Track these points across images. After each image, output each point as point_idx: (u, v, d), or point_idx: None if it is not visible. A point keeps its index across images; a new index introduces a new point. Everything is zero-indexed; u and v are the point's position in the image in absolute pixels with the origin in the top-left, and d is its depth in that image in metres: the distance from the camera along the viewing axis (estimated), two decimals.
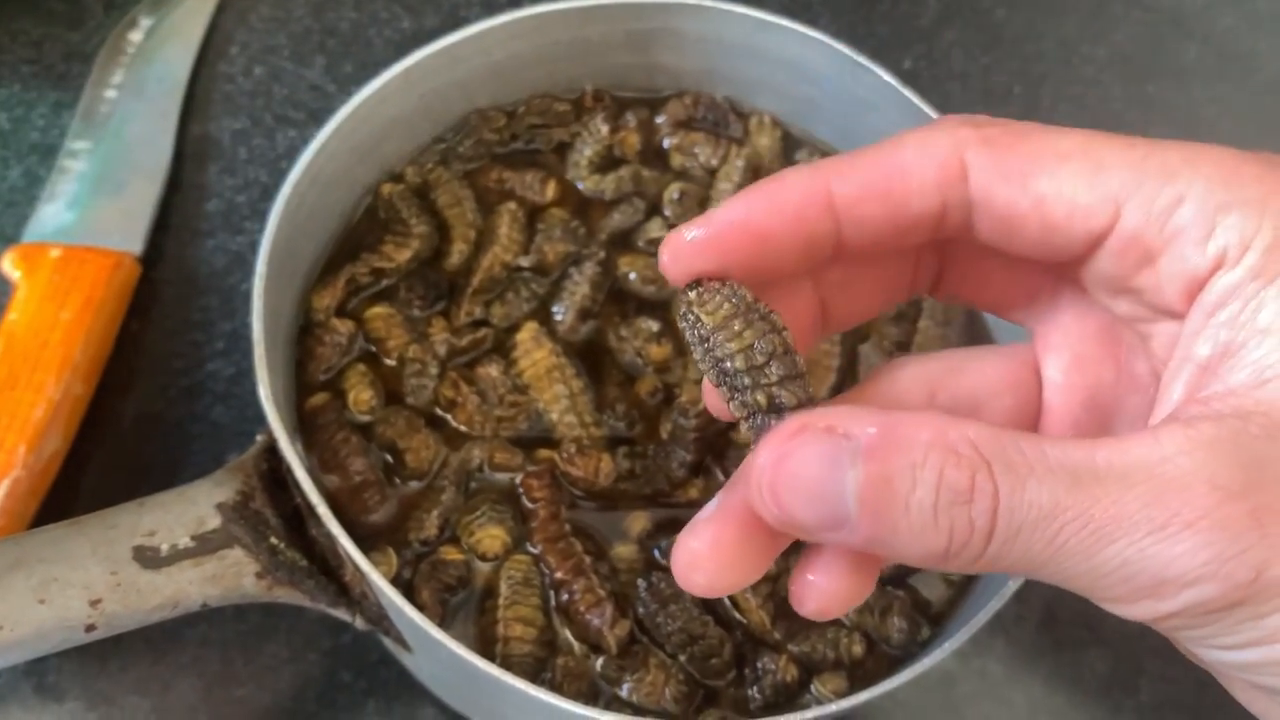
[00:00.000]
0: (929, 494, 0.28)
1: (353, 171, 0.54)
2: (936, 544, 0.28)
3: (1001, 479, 0.28)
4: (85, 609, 0.40)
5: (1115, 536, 0.27)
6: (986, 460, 0.28)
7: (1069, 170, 0.31)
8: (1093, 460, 0.28)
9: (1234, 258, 0.30)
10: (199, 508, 0.44)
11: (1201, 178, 0.30)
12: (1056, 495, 0.28)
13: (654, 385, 0.52)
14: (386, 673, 0.55)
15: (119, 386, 0.59)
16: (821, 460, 0.28)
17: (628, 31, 0.57)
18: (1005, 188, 0.32)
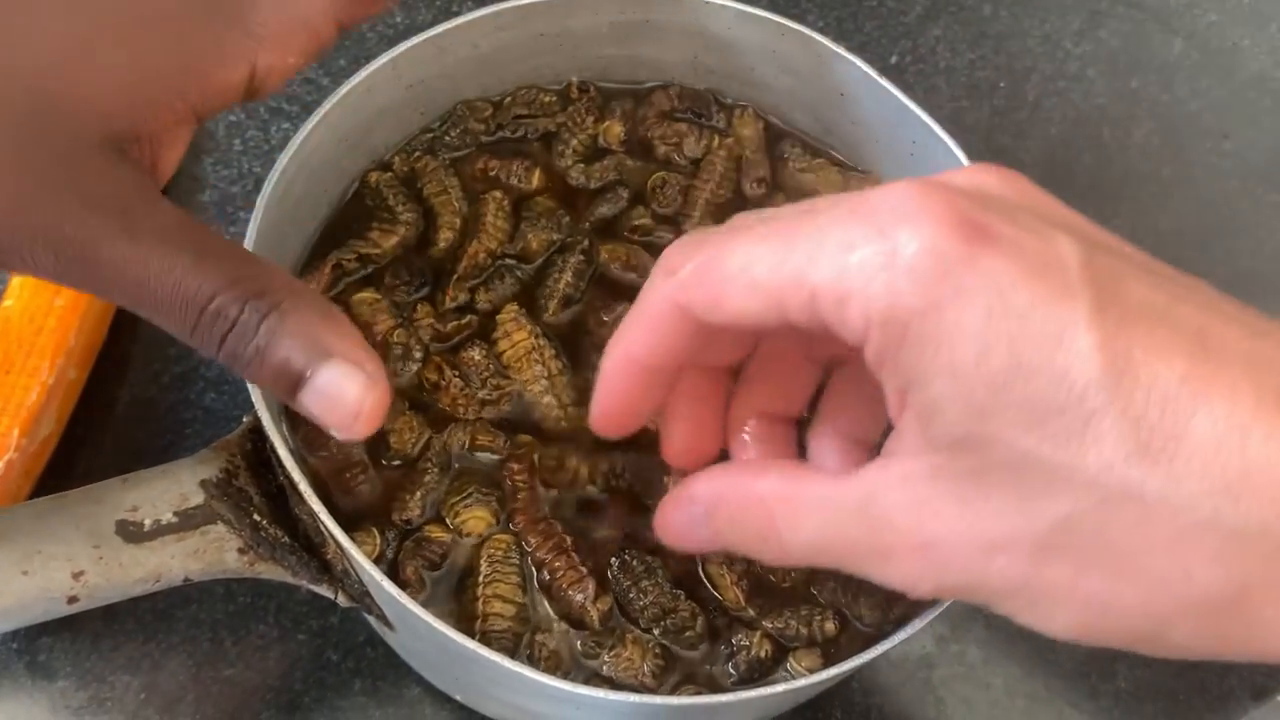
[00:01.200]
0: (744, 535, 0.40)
1: (340, 161, 0.55)
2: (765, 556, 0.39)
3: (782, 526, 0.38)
4: (68, 581, 0.41)
5: (850, 562, 0.37)
6: (778, 508, 0.38)
7: (748, 279, 0.36)
8: (835, 501, 0.37)
9: (867, 323, 0.34)
10: (183, 484, 0.45)
11: (858, 238, 0.34)
12: (824, 535, 0.37)
13: None
14: (373, 653, 0.56)
15: (113, 372, 0.60)
16: (686, 514, 0.41)
17: (612, 23, 0.58)
18: (717, 316, 0.37)
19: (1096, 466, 0.31)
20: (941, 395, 0.33)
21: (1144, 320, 0.32)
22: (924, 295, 0.32)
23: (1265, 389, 0.31)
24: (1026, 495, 0.32)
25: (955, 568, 0.34)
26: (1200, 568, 0.32)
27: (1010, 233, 0.32)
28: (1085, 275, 0.32)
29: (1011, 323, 0.31)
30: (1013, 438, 0.32)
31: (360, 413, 0.38)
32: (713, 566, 0.49)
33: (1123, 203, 0.74)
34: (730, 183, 0.58)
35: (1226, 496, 0.31)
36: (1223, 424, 0.31)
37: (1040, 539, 0.33)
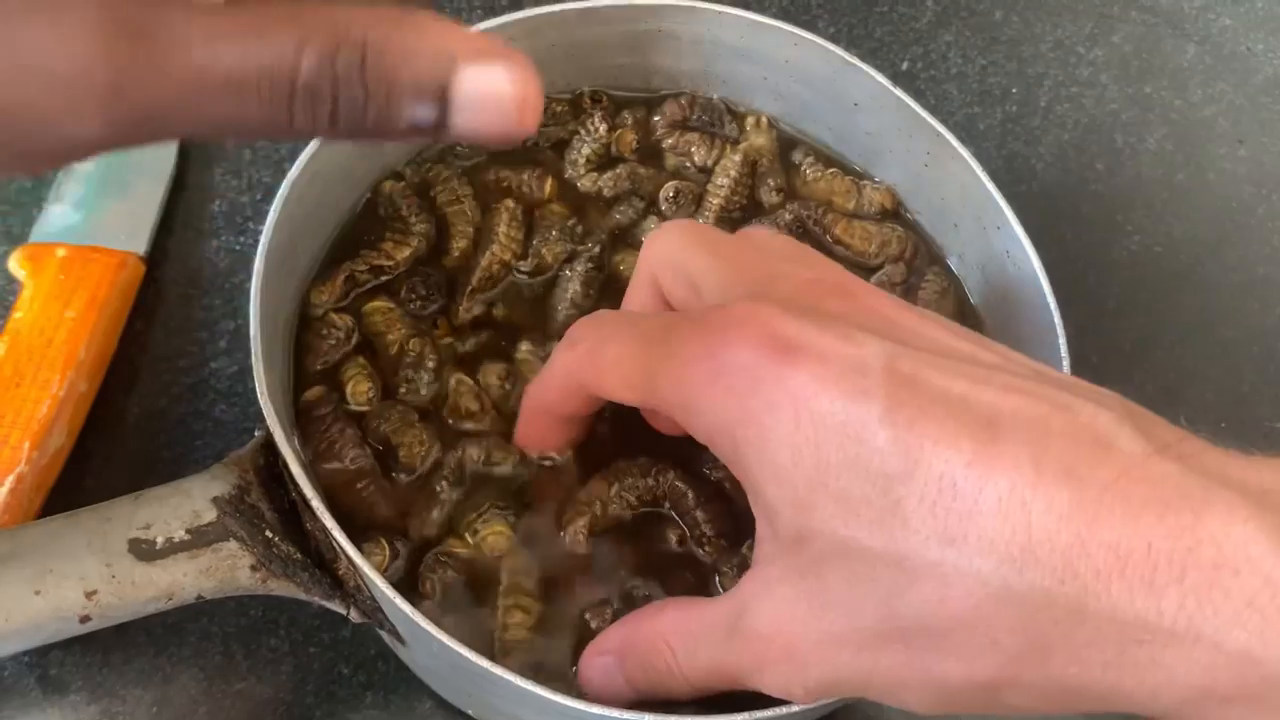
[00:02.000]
0: (650, 676, 0.42)
1: (352, 171, 0.55)
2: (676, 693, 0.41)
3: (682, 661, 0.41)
4: (80, 600, 0.41)
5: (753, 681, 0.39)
6: (677, 642, 0.41)
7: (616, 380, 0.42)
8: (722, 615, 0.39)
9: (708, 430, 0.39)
10: (194, 501, 0.44)
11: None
12: (714, 657, 0.39)
13: None
14: (385, 666, 0.55)
15: (123, 384, 0.60)
16: (601, 668, 0.44)
17: (624, 33, 0.58)
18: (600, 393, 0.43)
19: (905, 550, 0.34)
20: (773, 496, 0.36)
21: (936, 412, 0.34)
22: (742, 408, 0.36)
23: (1045, 462, 0.33)
24: (854, 582, 0.35)
25: (813, 667, 0.37)
26: (1004, 635, 0.34)
27: (820, 343, 0.36)
28: (884, 377, 0.35)
29: (814, 428, 0.35)
30: (834, 528, 0.35)
31: (524, 99, 0.31)
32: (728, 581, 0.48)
33: (1136, 209, 0.73)
34: (744, 190, 0.57)
35: (1013, 567, 0.33)
36: (1006, 499, 0.33)
37: (873, 627, 0.35)
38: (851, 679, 0.37)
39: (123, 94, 0.30)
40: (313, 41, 0.30)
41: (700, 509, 0.49)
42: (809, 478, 0.35)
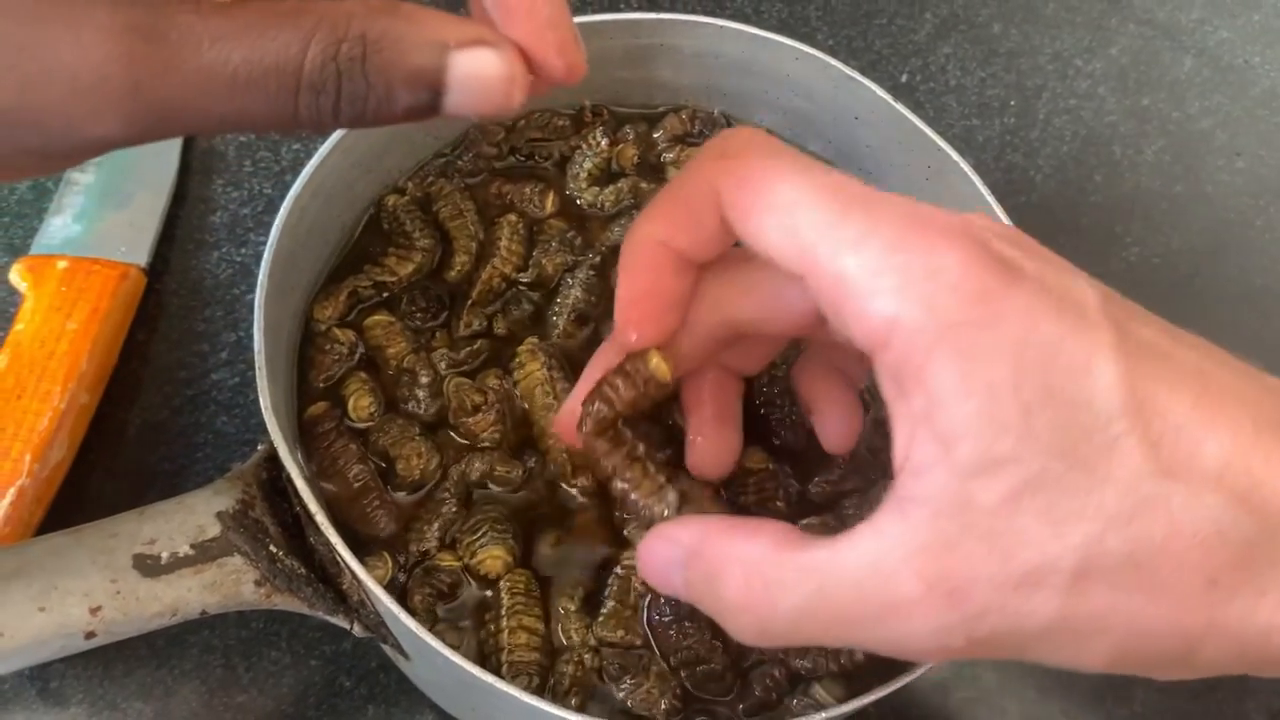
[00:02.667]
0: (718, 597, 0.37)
1: (354, 185, 0.55)
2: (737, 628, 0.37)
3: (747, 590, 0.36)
4: (85, 616, 0.41)
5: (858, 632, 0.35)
6: (761, 574, 0.36)
7: (777, 224, 0.36)
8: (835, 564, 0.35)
9: (894, 324, 0.33)
10: (199, 516, 0.44)
11: (875, 247, 0.34)
12: (816, 604, 0.35)
13: None
14: (386, 679, 0.55)
15: (124, 396, 0.60)
16: (665, 554, 0.39)
17: (625, 47, 0.58)
18: (738, 229, 0.37)
19: (1124, 485, 0.32)
20: (966, 416, 0.33)
21: (1153, 358, 0.34)
22: (963, 313, 0.33)
23: (1261, 422, 0.34)
24: (1056, 518, 0.33)
25: (991, 614, 0.33)
26: (1223, 574, 0.33)
27: (1036, 272, 0.34)
28: (1103, 314, 0.34)
29: (1043, 351, 0.33)
30: (1040, 458, 0.33)
31: (512, 78, 0.34)
32: None
33: (1134, 220, 0.74)
34: None
35: (1240, 508, 0.33)
36: (1229, 448, 0.33)
37: (1076, 565, 0.33)
38: (1033, 626, 0.33)
39: (139, 94, 0.31)
40: (316, 38, 0.32)
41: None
42: (1022, 402, 0.33)
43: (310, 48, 0.32)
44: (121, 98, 0.31)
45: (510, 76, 0.34)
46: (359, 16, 0.33)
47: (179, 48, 0.32)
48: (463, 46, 0.33)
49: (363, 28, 0.32)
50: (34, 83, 0.31)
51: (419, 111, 0.34)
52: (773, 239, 0.36)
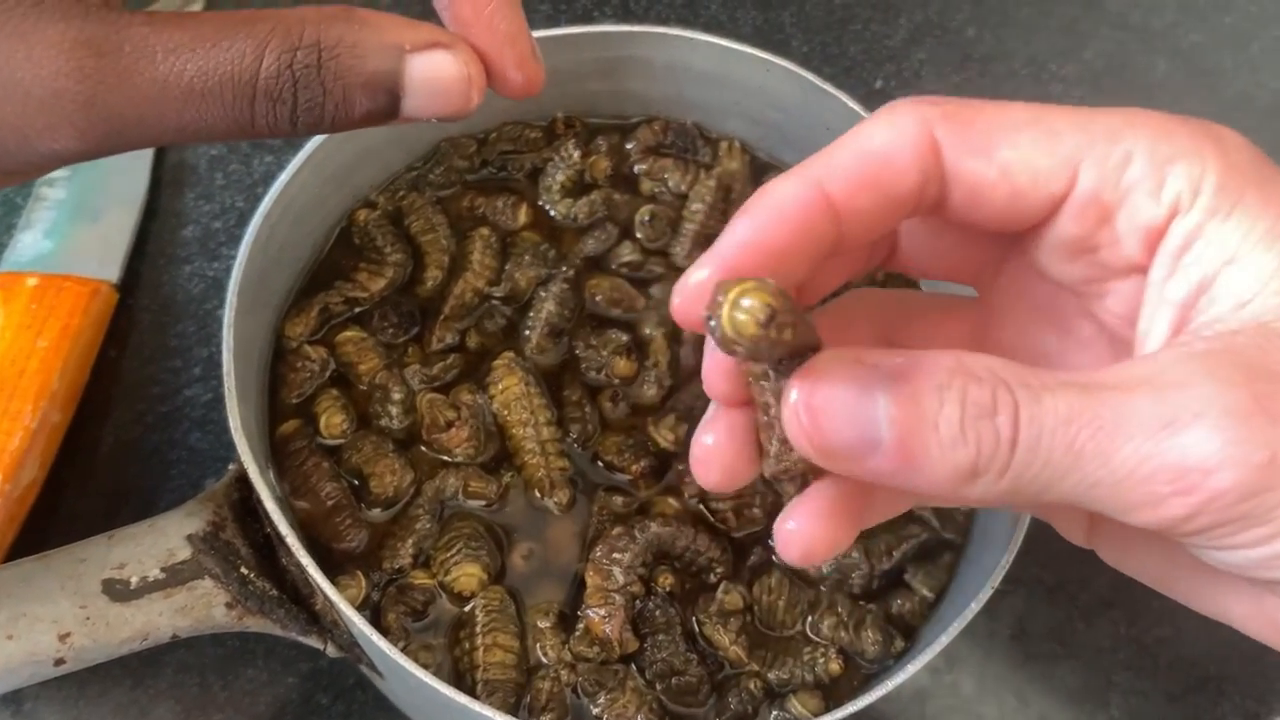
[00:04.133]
0: (955, 410, 0.29)
1: (325, 201, 0.54)
2: (965, 458, 0.29)
3: (1020, 393, 0.29)
4: (54, 643, 0.41)
5: (1130, 434, 0.28)
6: (1004, 380, 0.29)
7: (1027, 139, 0.32)
8: (1100, 378, 0.29)
9: (1187, 202, 0.31)
10: (169, 539, 0.44)
11: (1144, 136, 0.32)
12: (1070, 402, 0.28)
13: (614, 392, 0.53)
14: (363, 696, 0.55)
15: (96, 413, 0.60)
16: (854, 383, 0.29)
17: (597, 59, 0.58)
18: (973, 161, 0.33)
19: None
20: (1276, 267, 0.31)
21: None
22: (1252, 179, 0.32)
23: None
24: None
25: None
26: None
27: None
28: None
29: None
30: None
31: (470, 79, 0.35)
32: (709, 628, 0.48)
33: None
34: (719, 215, 0.57)
35: None
36: None
37: None
38: None
39: (93, 107, 0.32)
40: (270, 46, 0.32)
41: (696, 540, 0.49)
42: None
43: (265, 56, 0.32)
44: (76, 112, 0.32)
45: (467, 77, 0.34)
46: (313, 23, 0.33)
47: (133, 60, 0.32)
48: (418, 49, 0.34)
49: (317, 34, 0.32)
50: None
51: (377, 116, 0.34)
52: (1028, 158, 0.32)
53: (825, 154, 0.33)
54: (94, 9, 0.33)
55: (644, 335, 0.55)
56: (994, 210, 0.34)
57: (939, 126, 0.33)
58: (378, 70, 0.33)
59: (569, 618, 0.48)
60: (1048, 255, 0.35)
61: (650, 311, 0.55)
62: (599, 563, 0.48)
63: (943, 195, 0.33)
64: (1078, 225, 0.33)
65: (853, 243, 0.33)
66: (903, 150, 0.32)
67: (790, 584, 0.50)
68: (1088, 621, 0.60)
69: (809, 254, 0.33)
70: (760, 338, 0.27)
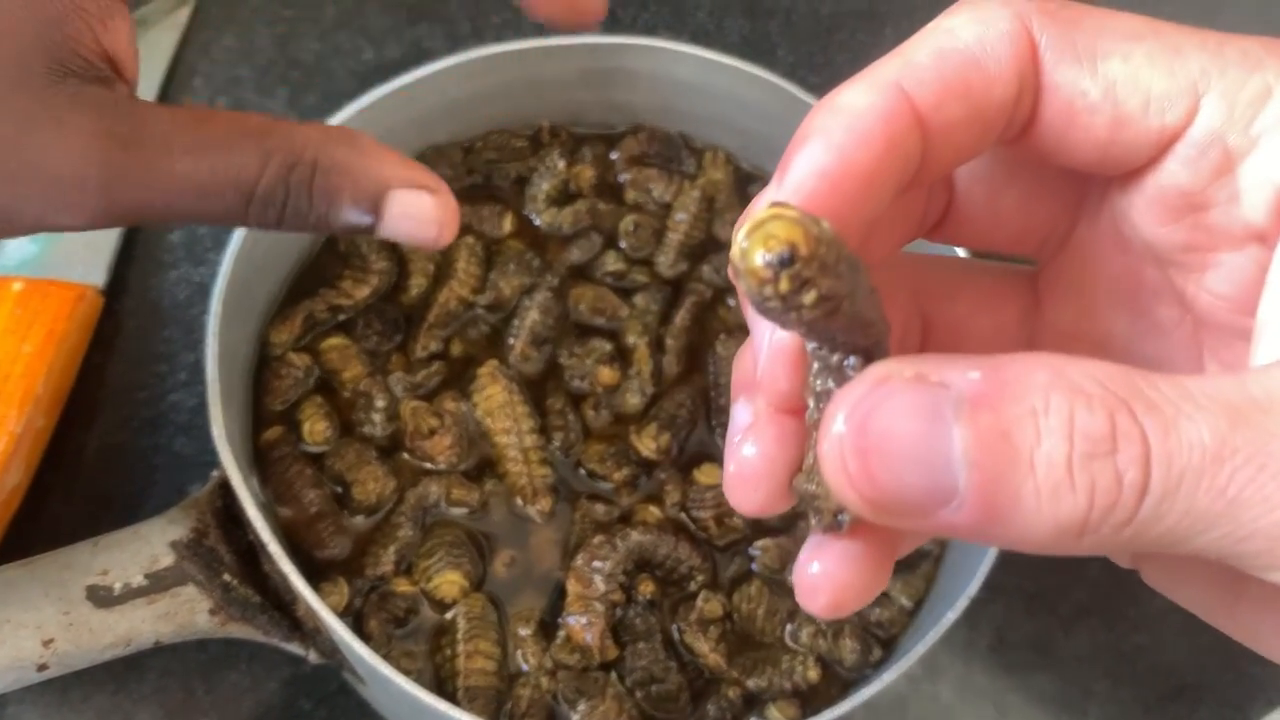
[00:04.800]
0: (1060, 445, 0.22)
1: None
2: (1074, 510, 0.22)
3: (1147, 420, 0.22)
4: (37, 649, 0.41)
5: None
6: (1124, 401, 0.22)
7: (1143, 52, 0.26)
8: (1247, 391, 0.22)
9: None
10: (152, 546, 0.44)
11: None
12: (1219, 431, 0.22)
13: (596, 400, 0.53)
14: (346, 701, 0.55)
15: (82, 418, 0.60)
16: (917, 414, 0.22)
17: (583, 70, 0.58)
18: (1074, 71, 0.27)
19: None
20: None
21: None
22: None
23: None
24: None
25: None
26: None
27: None
28: None
29: None
30: None
31: (443, 221, 0.38)
32: (690, 635, 0.49)
33: None
34: (703, 225, 0.58)
35: None
36: None
37: None
38: None
39: (110, 194, 0.34)
40: (273, 160, 0.35)
41: (677, 549, 0.49)
42: None
43: (268, 168, 0.35)
44: (94, 196, 0.34)
45: (442, 221, 0.38)
46: (314, 143, 0.36)
47: (153, 156, 0.34)
48: (403, 185, 0.37)
49: (315, 154, 0.36)
50: (16, 177, 0.33)
51: (354, 230, 0.37)
52: (1142, 76, 0.26)
53: (899, 53, 0.27)
54: (123, 101, 0.35)
55: (627, 344, 0.55)
56: (1090, 141, 0.27)
57: (1036, 22, 0.27)
58: (362, 197, 0.37)
59: (550, 625, 0.49)
60: (1142, 211, 0.28)
61: (634, 320, 0.55)
62: (580, 570, 0.48)
63: (1032, 116, 0.27)
64: (1190, 173, 0.27)
65: (935, 172, 0.27)
66: (997, 48, 0.26)
67: (770, 593, 0.50)
68: (1066, 630, 0.61)
69: (893, 184, 0.26)
70: (768, 283, 0.22)
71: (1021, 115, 0.27)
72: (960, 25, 0.27)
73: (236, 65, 0.72)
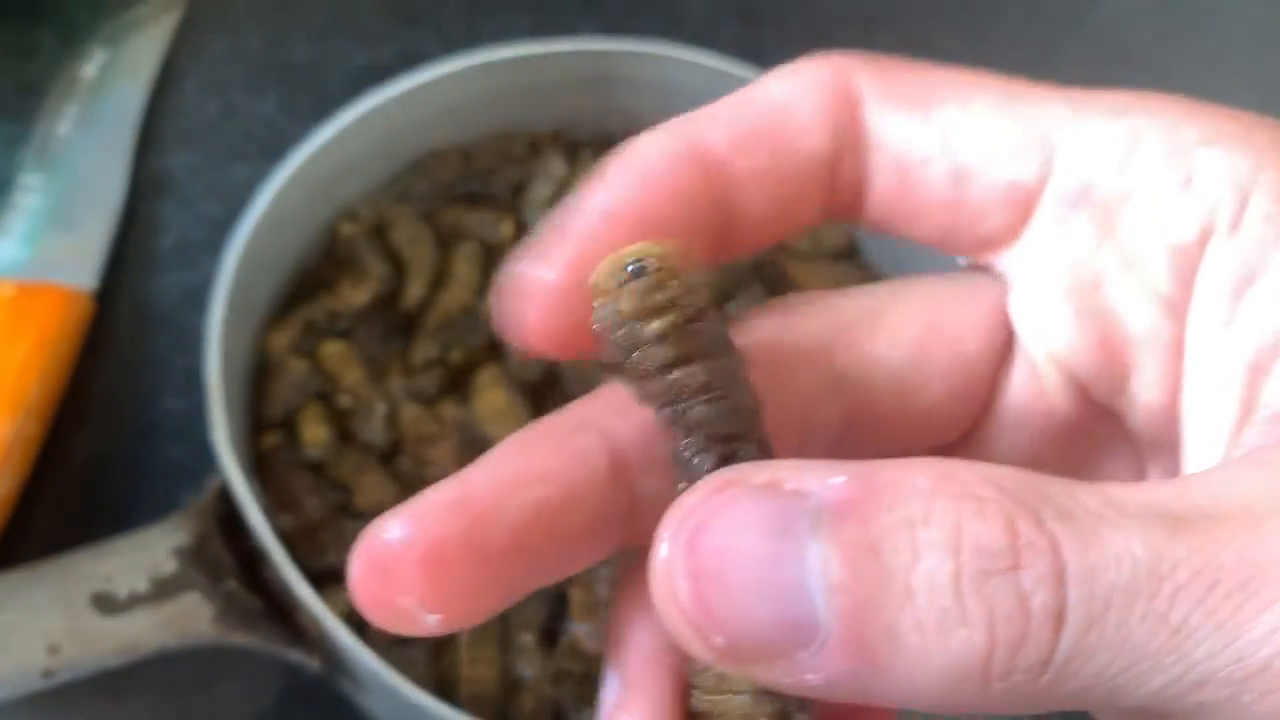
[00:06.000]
0: (944, 562, 0.17)
1: (308, 212, 0.54)
2: (969, 648, 0.17)
3: (1060, 527, 0.17)
4: (43, 656, 0.41)
5: (1268, 597, 0.17)
6: (1028, 505, 0.18)
7: (984, 99, 0.24)
8: (1188, 498, 0.18)
9: (1233, 209, 0.21)
10: (156, 553, 0.44)
11: (1161, 114, 0.22)
12: (1157, 543, 0.17)
13: None
14: (342, 711, 0.55)
15: (73, 425, 0.59)
16: (763, 527, 0.18)
17: (582, 76, 0.58)
18: (903, 121, 0.24)
19: None
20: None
21: None
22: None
23: None
24: None
25: None
26: None
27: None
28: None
29: None
30: None
31: None
32: None
33: None
34: None
35: None
36: None
37: None
38: None
39: None
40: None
41: None
42: None
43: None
44: None
45: None
46: None
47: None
48: None
49: None
50: None
51: None
52: (981, 123, 0.23)
53: (709, 106, 0.25)
54: None
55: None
56: (932, 201, 0.24)
57: (859, 74, 0.24)
58: None
59: (553, 633, 0.48)
60: (1040, 317, 0.24)
61: None
62: (584, 577, 0.48)
63: (862, 175, 0.24)
64: (1067, 237, 0.23)
65: (757, 234, 0.24)
66: (805, 96, 0.24)
67: None
68: None
69: (688, 229, 0.23)
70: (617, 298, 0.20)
71: (848, 176, 0.24)
72: (771, 79, 0.25)
73: (228, 67, 0.71)
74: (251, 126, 0.69)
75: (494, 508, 0.21)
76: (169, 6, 0.71)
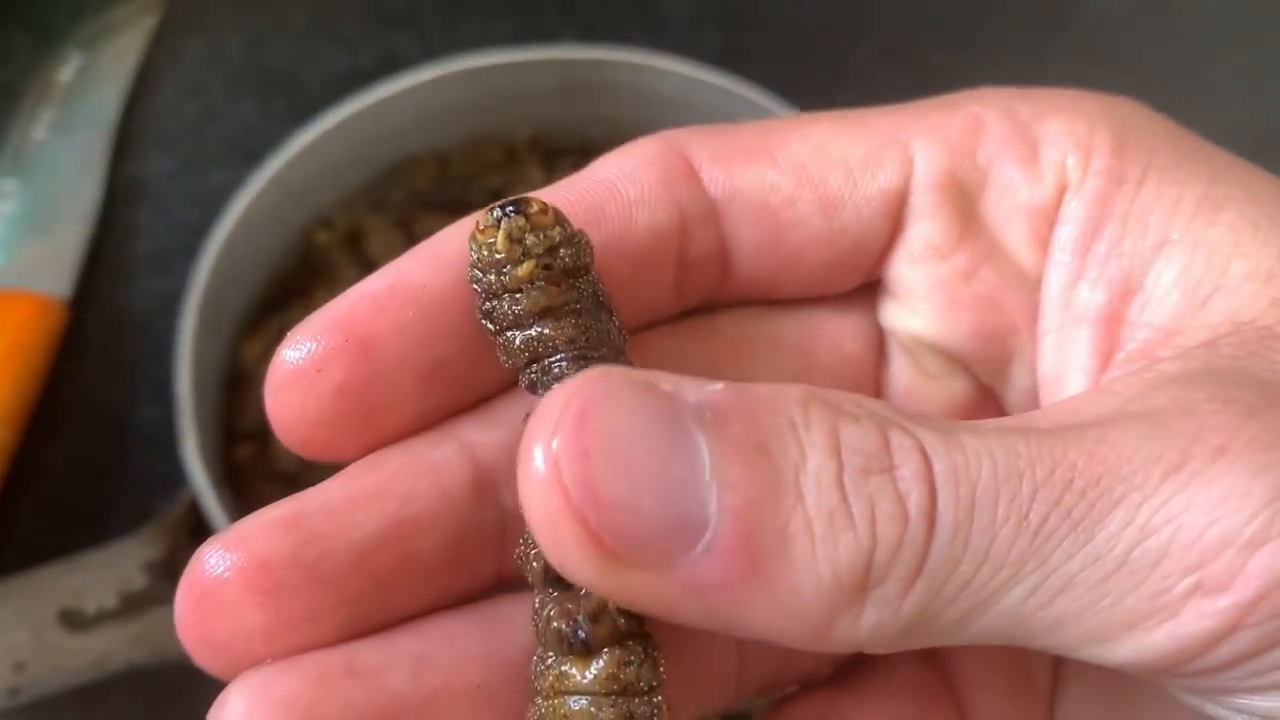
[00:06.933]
0: (828, 462, 0.17)
1: (283, 219, 0.54)
2: (855, 551, 0.17)
3: (923, 433, 0.18)
4: (9, 674, 0.40)
5: (1119, 493, 0.17)
6: (891, 418, 0.18)
7: (824, 128, 0.23)
8: (1032, 421, 0.19)
9: (1078, 170, 0.23)
10: (126, 568, 0.43)
11: (994, 102, 0.24)
12: (1012, 446, 0.18)
13: None
14: None
15: (47, 432, 0.59)
16: (651, 417, 0.17)
17: (562, 84, 0.57)
18: (751, 170, 0.23)
19: None
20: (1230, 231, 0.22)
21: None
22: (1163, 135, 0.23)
23: None
24: None
25: None
26: None
27: None
28: None
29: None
30: None
31: None
32: None
33: None
34: None
35: None
36: None
37: None
38: None
39: None
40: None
41: None
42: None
43: None
44: None
45: None
46: None
47: None
48: None
49: None
50: None
51: None
52: (834, 149, 0.23)
53: (543, 189, 0.24)
54: None
55: None
56: (811, 239, 0.23)
57: (689, 143, 0.24)
58: None
59: None
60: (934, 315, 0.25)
61: None
62: None
63: (723, 242, 0.24)
64: (934, 226, 0.24)
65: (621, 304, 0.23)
66: (636, 172, 0.23)
67: None
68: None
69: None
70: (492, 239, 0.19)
71: (704, 247, 0.23)
72: (601, 162, 0.24)
73: (206, 72, 0.71)
74: (229, 131, 0.69)
75: (329, 525, 0.21)
76: (147, 10, 0.70)
